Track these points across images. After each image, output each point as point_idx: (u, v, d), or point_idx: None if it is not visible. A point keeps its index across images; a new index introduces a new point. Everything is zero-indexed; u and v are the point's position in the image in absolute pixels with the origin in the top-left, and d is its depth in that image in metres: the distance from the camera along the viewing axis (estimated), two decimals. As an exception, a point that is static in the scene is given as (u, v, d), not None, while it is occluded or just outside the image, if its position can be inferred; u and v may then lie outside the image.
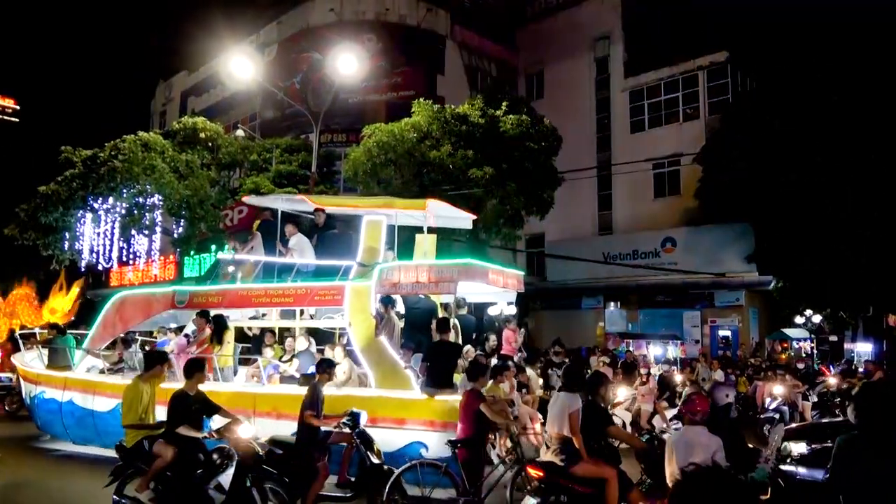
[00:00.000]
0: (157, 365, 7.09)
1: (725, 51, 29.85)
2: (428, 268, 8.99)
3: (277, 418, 8.51)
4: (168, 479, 6.28)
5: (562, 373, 6.59)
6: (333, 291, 9.20)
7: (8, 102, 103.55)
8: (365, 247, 9.73)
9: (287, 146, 29.01)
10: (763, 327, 28.05)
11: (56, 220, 25.30)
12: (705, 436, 5.00)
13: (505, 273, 10.18)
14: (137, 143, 26.37)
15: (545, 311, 32.81)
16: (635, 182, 30.75)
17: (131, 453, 6.51)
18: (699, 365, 17.98)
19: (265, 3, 41.54)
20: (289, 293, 9.60)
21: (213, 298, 10.19)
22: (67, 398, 10.61)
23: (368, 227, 9.92)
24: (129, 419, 6.62)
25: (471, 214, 13.13)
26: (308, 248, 10.37)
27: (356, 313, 8.90)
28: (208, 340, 9.77)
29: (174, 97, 46.22)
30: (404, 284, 9.01)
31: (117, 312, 11.24)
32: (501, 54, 37.72)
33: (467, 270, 8.99)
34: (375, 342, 8.66)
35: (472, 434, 6.91)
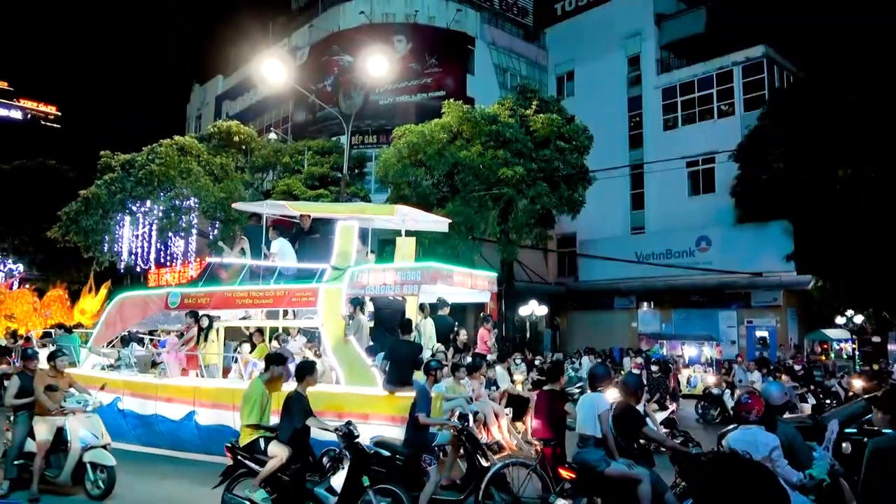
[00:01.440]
0: (273, 366, 6.90)
1: (762, 45, 29.23)
2: (394, 270, 9.51)
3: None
4: (280, 480, 6.20)
5: (587, 375, 6.51)
6: (308, 293, 9.57)
7: (50, 109, 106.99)
8: (338, 251, 10.08)
9: (319, 148, 29.32)
10: (802, 328, 27.39)
11: (96, 223, 26.00)
12: (762, 434, 5.06)
13: (474, 275, 10.73)
14: (174, 147, 26.99)
15: (577, 311, 32.56)
16: (669, 180, 30.33)
17: (245, 452, 6.42)
18: (736, 366, 17.63)
19: (297, 8, 42.14)
20: (269, 295, 9.99)
21: (202, 300, 10.63)
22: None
23: (342, 231, 10.27)
24: (250, 419, 6.48)
25: (446, 219, 13.82)
26: (289, 252, 10.74)
27: (328, 314, 9.28)
28: (195, 338, 10.28)
29: (209, 101, 47.10)
30: (372, 286, 9.45)
31: (118, 313, 11.73)
32: (531, 54, 37.58)
33: (430, 273, 9.35)
34: (345, 341, 9.05)
35: (554, 433, 6.82)
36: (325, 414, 8.09)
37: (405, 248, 11.47)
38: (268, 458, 6.24)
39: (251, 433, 6.48)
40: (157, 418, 9.89)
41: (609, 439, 5.90)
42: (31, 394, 7.38)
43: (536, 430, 7.04)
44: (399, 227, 11.89)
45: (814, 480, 4.99)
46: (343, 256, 10.02)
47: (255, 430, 6.48)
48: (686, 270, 26.94)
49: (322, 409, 8.33)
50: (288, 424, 6.29)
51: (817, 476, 4.98)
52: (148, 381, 10.35)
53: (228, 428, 8.90)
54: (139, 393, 10.16)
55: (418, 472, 6.61)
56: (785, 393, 5.59)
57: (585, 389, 6.82)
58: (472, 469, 6.96)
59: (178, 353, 10.39)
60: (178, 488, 8.09)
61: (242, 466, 6.41)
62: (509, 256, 24.20)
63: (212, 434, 9.22)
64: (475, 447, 6.96)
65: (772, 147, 24.04)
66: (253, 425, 6.48)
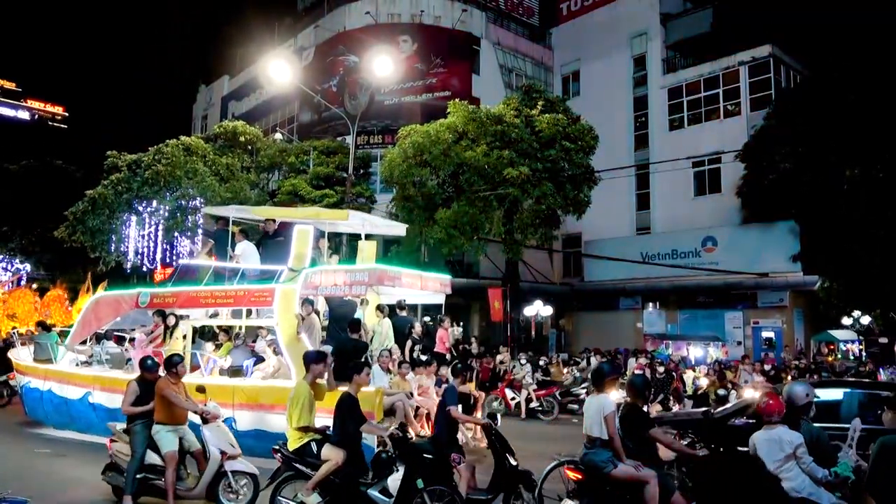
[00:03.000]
0: (312, 364, 6.78)
1: (768, 45, 29.14)
2: (343, 272, 10.07)
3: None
4: (331, 483, 6.11)
5: (590, 375, 6.48)
6: (266, 293, 10.01)
7: (57, 110, 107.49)
8: (295, 253, 10.59)
9: (324, 148, 29.37)
10: (808, 329, 27.28)
11: (103, 223, 26.11)
12: (787, 433, 5.19)
13: (424, 277, 11.35)
14: (180, 147, 27.08)
15: (582, 312, 32.51)
16: (674, 181, 30.27)
17: (295, 455, 6.34)
18: (741, 367, 17.57)
19: (303, 9, 42.21)
20: (230, 295, 10.46)
21: (169, 299, 11.14)
22: (47, 387, 11.79)
23: (298, 235, 10.77)
24: (300, 422, 6.40)
25: (402, 224, 14.73)
26: (252, 254, 11.24)
27: (283, 313, 9.71)
28: (161, 336, 10.75)
29: (215, 102, 47.25)
30: (324, 287, 9.99)
31: (93, 312, 12.30)
32: (537, 53, 37.55)
33: (377, 274, 9.97)
34: (297, 339, 9.53)
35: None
36: (276, 407, 8.98)
37: (366, 251, 12.22)
38: (319, 462, 6.15)
39: (301, 436, 6.40)
40: None
41: (616, 440, 5.89)
42: (147, 402, 7.09)
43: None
44: (357, 231, 12.73)
45: (839, 478, 5.04)
46: (299, 258, 10.55)
47: (304, 434, 6.40)
48: (692, 271, 26.88)
49: (273, 402, 9.15)
50: (342, 427, 6.21)
51: (842, 473, 5.03)
52: (115, 376, 10.83)
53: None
54: (107, 387, 10.68)
55: (447, 470, 6.58)
56: (807, 394, 5.61)
57: (591, 390, 6.79)
58: (500, 468, 6.92)
59: (144, 349, 10.76)
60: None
61: (291, 469, 6.32)
62: (514, 256, 24.19)
63: None
64: (504, 447, 6.94)
65: (778, 147, 23.96)
66: (302, 428, 6.40)
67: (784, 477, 5.04)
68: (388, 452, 6.33)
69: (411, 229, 23.10)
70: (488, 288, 24.40)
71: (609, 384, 6.23)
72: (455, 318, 33.14)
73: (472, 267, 30.20)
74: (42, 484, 7.85)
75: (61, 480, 8.22)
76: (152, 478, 6.95)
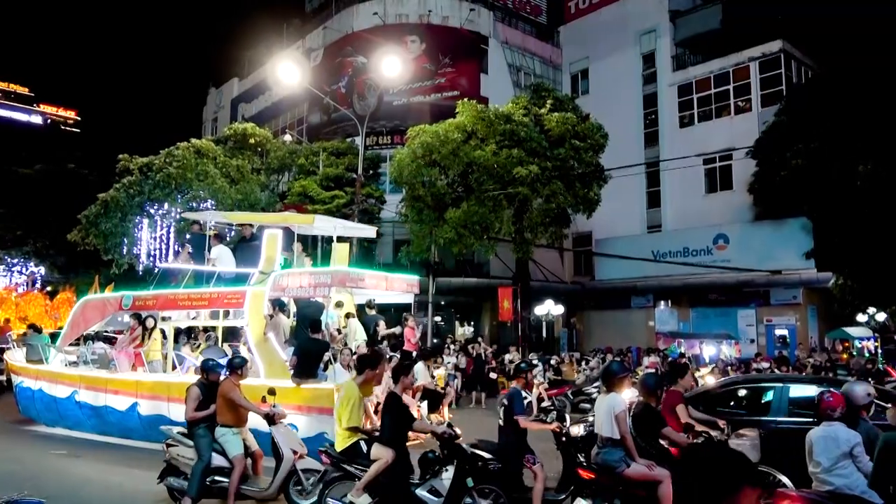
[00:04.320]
0: (368, 370, 6.72)
1: (779, 40, 28.90)
2: (308, 274, 10.57)
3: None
4: (381, 483, 6.06)
5: (601, 375, 6.42)
6: (237, 295, 10.48)
7: (70, 114, 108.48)
8: (265, 257, 11.21)
9: (333, 149, 29.45)
10: (822, 326, 27.03)
11: (115, 226, 26.30)
12: (843, 431, 5.13)
13: (389, 278, 12.00)
14: (190, 150, 27.26)
15: (593, 311, 32.39)
16: (685, 178, 30.09)
17: (343, 456, 6.34)
18: (754, 365, 17.45)
19: (311, 10, 42.34)
20: (205, 297, 10.94)
21: (150, 301, 11.66)
22: (38, 387, 12.42)
23: (268, 239, 11.36)
24: (350, 422, 6.36)
25: (372, 227, 15.24)
26: (227, 258, 11.66)
27: (253, 314, 10.21)
28: (139, 337, 11.39)
29: (225, 104, 47.48)
30: (290, 289, 10.48)
31: (81, 314, 12.84)
32: (545, 52, 37.46)
33: (339, 277, 10.55)
34: (265, 339, 10.09)
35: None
36: None
37: (339, 254, 12.89)
38: (367, 462, 6.11)
39: (349, 437, 6.37)
40: (107, 409, 11.08)
41: (628, 439, 5.85)
42: (209, 405, 7.09)
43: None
44: (329, 234, 13.41)
45: None
46: (269, 262, 11.18)
47: (353, 434, 6.38)
48: (704, 268, 26.72)
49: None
50: (391, 426, 6.16)
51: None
52: (99, 375, 11.43)
53: (165, 417, 10.07)
54: (92, 386, 11.35)
55: (517, 474, 6.57)
56: (868, 393, 5.58)
57: (602, 389, 6.74)
58: (570, 468, 6.89)
59: (126, 350, 11.45)
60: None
61: (339, 470, 6.31)
62: (524, 256, 24.12)
63: (151, 422, 10.28)
64: (575, 447, 6.91)
65: (790, 143, 23.74)
66: (352, 428, 6.38)
67: (839, 474, 5.01)
68: (434, 452, 6.30)
69: (421, 229, 23.16)
70: (498, 287, 24.39)
71: (619, 383, 6.17)
72: (466, 318, 33.27)
73: (482, 266, 30.17)
74: (57, 485, 7.90)
75: (76, 482, 8.27)
76: (218, 480, 6.96)
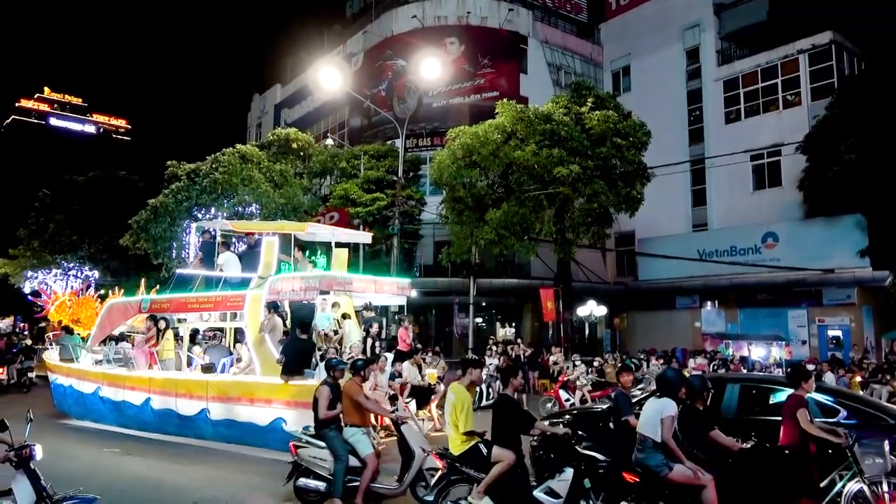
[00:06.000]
0: (471, 368, 6.65)
1: (829, 31, 27.95)
2: (299, 279, 11.23)
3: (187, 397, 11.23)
4: (500, 485, 6.06)
5: (656, 383, 6.28)
6: (238, 299, 11.26)
7: (121, 123, 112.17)
8: (263, 262, 12.03)
9: (374, 152, 29.71)
10: (879, 326, 26.00)
11: (164, 231, 27.02)
12: None
13: (378, 281, 12.77)
14: (236, 156, 27.83)
15: (637, 311, 31.87)
16: (732, 175, 29.35)
17: (461, 460, 6.32)
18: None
19: (351, 16, 42.85)
20: (210, 300, 11.80)
21: (164, 305, 12.55)
22: (69, 384, 13.49)
23: (265, 246, 12.17)
24: (467, 426, 6.32)
25: (368, 234, 15.83)
26: (234, 264, 12.43)
27: (251, 316, 10.93)
28: (154, 337, 12.16)
29: (268, 110, 48.43)
30: (284, 292, 11.17)
31: (107, 317, 13.88)
32: (585, 50, 37.07)
33: (328, 281, 11.25)
34: (261, 338, 10.72)
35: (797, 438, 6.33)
36: (241, 400, 10.45)
37: (338, 259, 13.58)
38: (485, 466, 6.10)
39: (466, 440, 6.35)
40: (126, 404, 12.03)
41: (669, 443, 5.75)
42: (336, 405, 7.19)
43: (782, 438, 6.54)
44: (328, 240, 14.11)
45: None
46: (267, 267, 11.98)
47: (471, 438, 6.36)
48: (752, 268, 26.00)
49: (238, 395, 10.39)
50: (510, 428, 6.16)
51: None
52: (119, 372, 12.36)
53: (173, 412, 11.22)
54: (112, 383, 12.33)
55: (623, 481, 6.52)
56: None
57: (647, 390, 6.65)
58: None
59: (142, 349, 12.20)
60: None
61: (456, 474, 6.31)
62: (566, 256, 23.89)
63: (162, 416, 11.40)
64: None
65: (842, 137, 22.91)
66: (469, 432, 6.36)
67: None
68: (544, 453, 6.28)
69: (461, 230, 23.16)
70: (540, 288, 24.20)
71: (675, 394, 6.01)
72: (507, 319, 33.16)
73: (523, 267, 30.00)
74: (112, 483, 8.14)
75: (130, 480, 8.51)
76: (355, 479, 7.07)
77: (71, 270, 38.56)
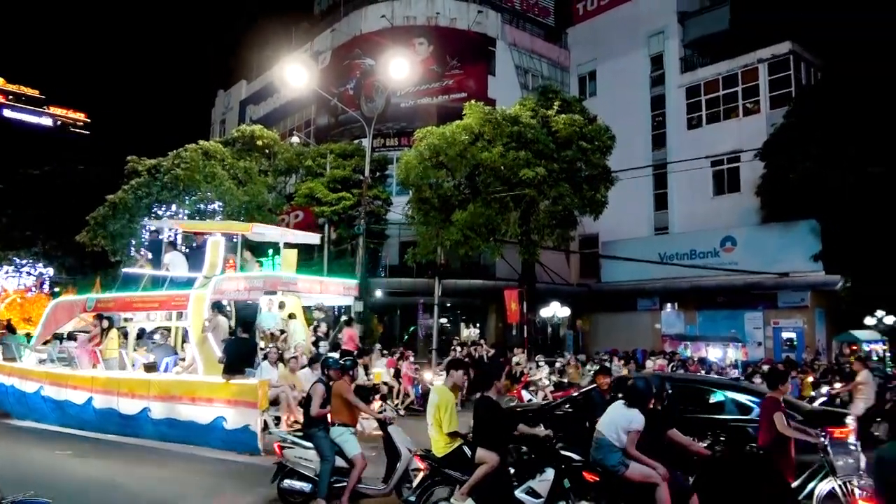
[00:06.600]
0: (452, 370, 6.62)
1: (787, 42, 28.79)
2: (243, 279, 11.39)
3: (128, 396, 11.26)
4: (483, 486, 5.96)
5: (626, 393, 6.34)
6: (183, 298, 11.31)
7: (79, 116, 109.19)
8: (209, 262, 12.10)
9: (341, 151, 29.50)
10: (830, 329, 26.87)
11: (123, 227, 26.43)
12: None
13: (324, 282, 13.13)
14: (199, 152, 27.35)
15: (599, 313, 32.31)
16: (693, 180, 29.99)
17: (444, 461, 6.26)
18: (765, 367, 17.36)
19: (319, 13, 42.48)
20: (156, 300, 11.96)
21: (109, 304, 12.62)
22: (10, 383, 13.42)
23: (211, 246, 12.27)
24: (451, 427, 6.25)
25: (317, 234, 15.99)
26: (180, 263, 12.53)
27: (195, 315, 10.99)
28: (99, 336, 12.11)
29: (233, 106, 47.70)
30: (228, 292, 11.31)
31: (52, 315, 13.88)
32: (553, 54, 37.44)
33: (272, 281, 11.55)
34: (203, 338, 10.82)
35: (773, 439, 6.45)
36: (183, 399, 10.46)
37: (286, 259, 13.79)
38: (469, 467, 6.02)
39: (450, 442, 6.29)
40: (67, 403, 12.01)
41: (634, 455, 5.84)
42: (326, 405, 7.16)
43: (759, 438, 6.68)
44: (277, 240, 14.31)
45: None
46: (212, 267, 12.06)
47: (454, 439, 6.30)
48: (711, 271, 26.62)
49: (180, 394, 10.45)
50: (493, 430, 6.09)
51: None
52: (60, 372, 12.39)
53: (115, 411, 11.22)
54: (55, 382, 12.32)
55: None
56: None
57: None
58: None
59: (86, 348, 12.19)
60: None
61: (438, 475, 6.24)
62: (531, 258, 24.10)
63: (104, 416, 11.38)
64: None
65: (799, 145, 23.64)
66: (452, 434, 6.28)
67: None
68: (528, 454, 6.29)
69: (427, 231, 23.17)
70: (504, 289, 24.35)
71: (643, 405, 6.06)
72: (471, 320, 33.25)
73: (488, 268, 30.15)
74: (64, 486, 7.92)
75: (83, 482, 8.30)
76: (342, 480, 7.00)
77: (24, 267, 37.40)
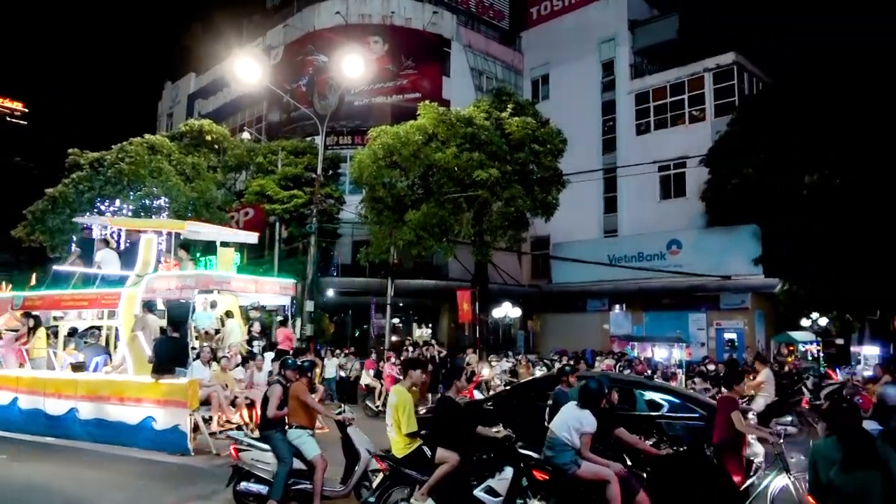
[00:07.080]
0: (411, 371, 6.64)
1: (732, 52, 29.81)
2: (175, 278, 11.31)
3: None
4: (443, 486, 5.98)
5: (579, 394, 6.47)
6: (114, 296, 11.20)
7: (16, 105, 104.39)
8: (142, 260, 12.11)
9: (293, 149, 29.07)
10: (769, 330, 27.95)
11: (63, 223, 25.45)
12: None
13: (259, 281, 13.12)
14: (144, 146, 26.57)
15: (550, 313, 32.78)
16: (641, 184, 30.72)
17: (404, 462, 6.25)
18: (699, 368, 17.91)
19: (272, 7, 41.76)
20: (86, 298, 11.73)
21: (37, 302, 12.41)
22: None
23: (144, 244, 12.31)
24: (409, 428, 6.25)
25: (254, 233, 15.78)
26: (112, 260, 12.41)
27: (125, 314, 10.95)
28: (26, 335, 11.93)
29: (181, 99, 46.42)
30: (160, 291, 11.23)
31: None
32: (507, 56, 37.78)
33: (204, 280, 11.49)
34: (133, 337, 10.77)
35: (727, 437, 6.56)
36: (111, 399, 10.42)
37: (223, 258, 13.81)
38: (427, 468, 6.05)
39: (409, 442, 6.27)
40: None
41: (588, 457, 5.94)
42: (284, 406, 7.05)
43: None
44: (213, 239, 14.27)
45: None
46: (145, 265, 12.05)
47: (413, 440, 6.28)
48: (657, 273, 27.31)
49: (108, 394, 10.38)
50: (453, 430, 6.13)
51: None
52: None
53: (41, 411, 11.12)
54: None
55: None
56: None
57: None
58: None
59: (12, 347, 11.95)
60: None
61: (398, 476, 6.22)
62: (483, 258, 24.28)
63: (30, 416, 11.28)
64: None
65: (741, 153, 24.50)
66: (411, 434, 6.27)
67: None
68: (488, 453, 6.30)
69: (380, 230, 23.09)
70: (457, 290, 24.45)
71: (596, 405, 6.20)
72: (424, 320, 33.28)
73: (441, 269, 30.23)
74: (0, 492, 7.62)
75: (20, 488, 7.98)
76: (299, 482, 6.88)
77: (-46, 262, 35.58)
